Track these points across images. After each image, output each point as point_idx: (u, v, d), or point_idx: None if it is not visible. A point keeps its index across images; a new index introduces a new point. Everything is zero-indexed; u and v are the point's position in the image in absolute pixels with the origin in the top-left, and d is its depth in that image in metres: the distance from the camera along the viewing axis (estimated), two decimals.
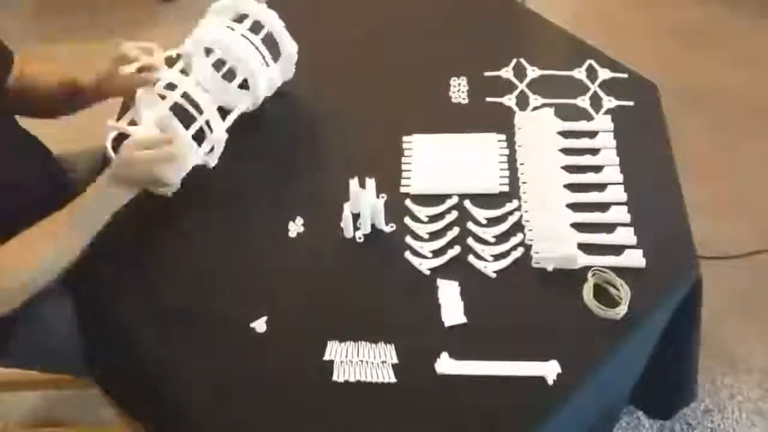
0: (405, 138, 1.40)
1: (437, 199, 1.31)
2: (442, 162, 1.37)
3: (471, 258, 1.23)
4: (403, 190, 1.34)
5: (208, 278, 1.24)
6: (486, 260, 1.23)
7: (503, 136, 1.39)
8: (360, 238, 1.27)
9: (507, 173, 1.35)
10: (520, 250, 1.24)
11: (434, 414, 1.07)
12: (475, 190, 1.33)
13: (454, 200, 1.31)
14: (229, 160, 1.38)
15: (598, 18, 2.75)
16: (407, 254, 1.25)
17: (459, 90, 1.50)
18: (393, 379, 1.10)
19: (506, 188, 1.33)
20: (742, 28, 2.72)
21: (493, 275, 1.21)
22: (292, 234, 1.29)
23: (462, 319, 1.16)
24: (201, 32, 1.33)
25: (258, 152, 1.41)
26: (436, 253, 1.25)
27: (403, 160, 1.38)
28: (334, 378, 1.11)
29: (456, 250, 1.24)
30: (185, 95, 1.26)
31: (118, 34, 2.76)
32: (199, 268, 1.26)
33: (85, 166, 1.48)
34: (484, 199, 1.31)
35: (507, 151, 1.38)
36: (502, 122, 1.43)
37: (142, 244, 1.30)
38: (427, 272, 1.22)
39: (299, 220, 1.30)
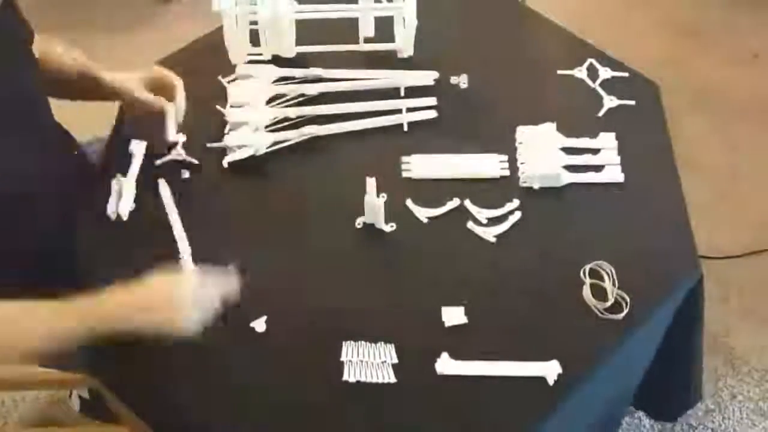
0: (404, 158, 1.38)
1: (438, 200, 1.31)
2: (443, 159, 1.38)
3: None
4: (404, 175, 1.34)
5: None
6: None
7: (505, 157, 1.38)
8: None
9: (507, 165, 1.36)
10: None
11: (434, 414, 1.07)
12: (475, 175, 1.34)
13: (455, 202, 1.31)
14: (229, 166, 1.38)
15: (598, 17, 2.75)
16: (407, 254, 1.25)
17: (459, 86, 1.49)
18: (393, 379, 1.10)
19: (507, 173, 1.34)
20: (742, 28, 2.72)
21: None
22: (292, 235, 1.29)
23: (462, 319, 1.16)
24: None
25: (256, 164, 1.41)
26: None
27: (403, 160, 1.38)
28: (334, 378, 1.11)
29: None
30: None
31: (117, 34, 2.76)
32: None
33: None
34: (484, 199, 1.30)
35: (506, 157, 1.37)
36: (501, 119, 1.43)
37: (142, 244, 1.29)
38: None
39: (299, 221, 1.30)
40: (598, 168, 1.34)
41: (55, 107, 1.38)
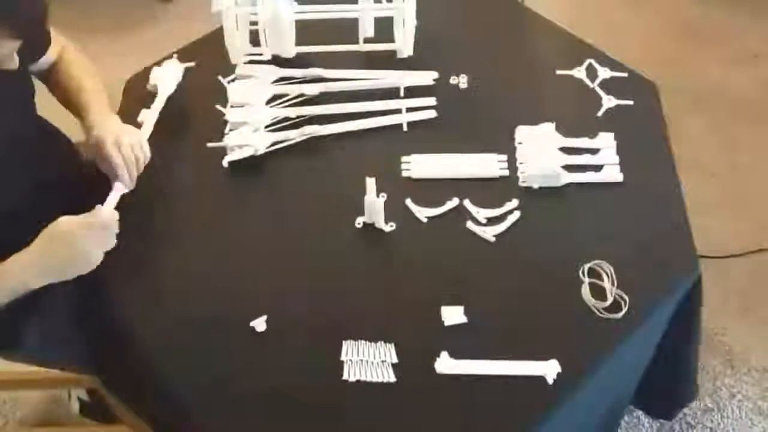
0: (404, 158, 1.38)
1: (437, 200, 1.31)
2: (443, 158, 1.38)
3: None
4: (404, 175, 1.35)
5: (208, 278, 1.24)
6: None
7: (504, 157, 1.38)
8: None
9: (506, 165, 1.36)
10: None
11: (434, 414, 1.07)
12: (475, 175, 1.34)
13: (455, 202, 1.31)
14: (229, 166, 1.38)
15: (598, 17, 2.75)
16: (407, 254, 1.25)
17: (459, 86, 1.49)
18: (393, 379, 1.10)
19: (506, 173, 1.34)
20: (742, 28, 2.72)
21: None
22: (291, 234, 1.29)
23: (462, 318, 1.16)
24: None
25: (256, 163, 1.41)
26: None
27: (403, 160, 1.38)
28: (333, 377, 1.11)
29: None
30: None
31: (117, 34, 2.76)
32: (199, 268, 1.26)
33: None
34: (484, 199, 1.31)
35: (506, 157, 1.38)
36: (501, 119, 1.43)
37: (142, 244, 1.29)
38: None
39: (299, 221, 1.31)
40: (597, 168, 1.35)
41: (54, 108, 1.39)
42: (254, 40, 1.53)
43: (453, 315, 1.16)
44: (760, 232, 2.12)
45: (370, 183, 1.23)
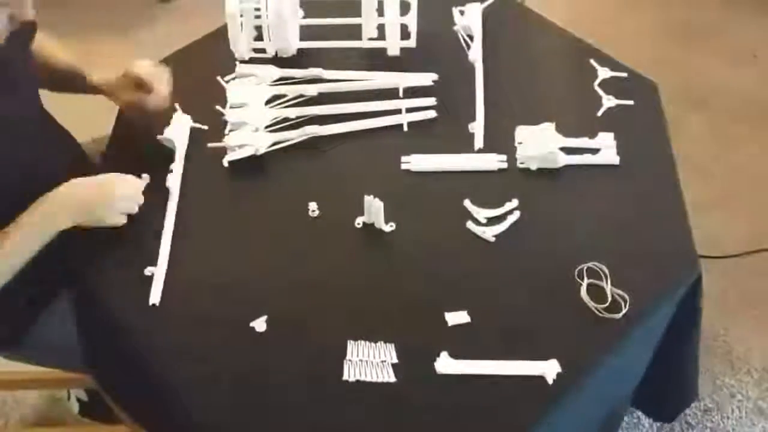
0: (404, 158, 1.38)
1: (437, 200, 1.31)
2: (443, 159, 1.38)
3: None
4: (404, 167, 1.35)
5: (208, 278, 1.24)
6: None
7: (504, 157, 1.38)
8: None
9: (506, 165, 1.36)
10: None
11: (434, 414, 1.07)
12: (474, 168, 1.35)
13: (455, 202, 1.31)
14: (230, 166, 1.38)
15: (598, 17, 2.75)
16: (407, 254, 1.25)
17: (459, 87, 1.49)
18: (393, 379, 1.10)
19: (504, 165, 1.35)
20: (742, 27, 2.72)
21: None
22: (292, 234, 1.29)
23: (465, 318, 1.16)
24: None
25: (256, 163, 1.41)
26: None
27: (403, 160, 1.38)
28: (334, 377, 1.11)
29: None
30: None
31: (117, 34, 2.76)
32: (199, 268, 1.26)
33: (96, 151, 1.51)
34: (484, 199, 1.31)
35: (505, 157, 1.37)
36: (501, 119, 1.43)
37: (141, 244, 1.29)
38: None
39: (300, 221, 1.31)
40: (595, 152, 1.35)
41: (55, 108, 1.39)
42: (258, 29, 1.53)
43: (456, 315, 1.16)
44: (760, 232, 2.12)
45: (368, 200, 1.23)
